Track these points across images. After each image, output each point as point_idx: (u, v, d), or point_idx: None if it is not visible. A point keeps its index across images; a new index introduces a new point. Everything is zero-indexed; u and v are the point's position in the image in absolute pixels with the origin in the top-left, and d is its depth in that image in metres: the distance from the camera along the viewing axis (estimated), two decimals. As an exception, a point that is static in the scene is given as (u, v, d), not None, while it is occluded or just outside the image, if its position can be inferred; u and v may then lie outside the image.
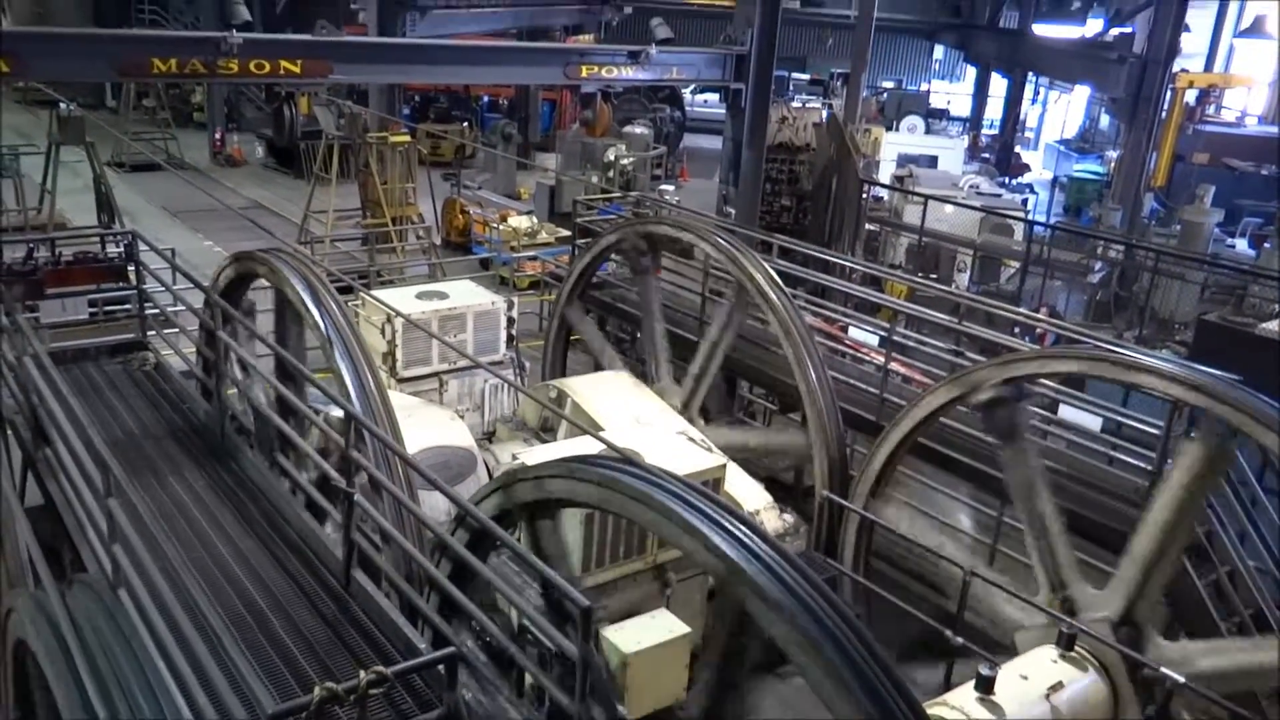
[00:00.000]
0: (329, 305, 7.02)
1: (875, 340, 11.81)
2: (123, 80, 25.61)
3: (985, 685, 5.54)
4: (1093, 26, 33.30)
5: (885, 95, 40.00)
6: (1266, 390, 6.48)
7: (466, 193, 23.97)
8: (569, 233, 14.50)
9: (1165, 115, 27.43)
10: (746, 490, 8.88)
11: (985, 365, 7.76)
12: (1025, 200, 27.57)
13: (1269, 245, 21.82)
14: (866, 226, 20.66)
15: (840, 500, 8.68)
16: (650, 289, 10.91)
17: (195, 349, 8.43)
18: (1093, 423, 9.33)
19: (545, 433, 10.24)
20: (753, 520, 4.98)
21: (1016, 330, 12.43)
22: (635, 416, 9.38)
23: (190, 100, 35.75)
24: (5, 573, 7.38)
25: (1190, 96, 30.63)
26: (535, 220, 21.83)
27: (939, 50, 47.33)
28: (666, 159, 30.20)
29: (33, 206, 18.88)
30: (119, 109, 31.10)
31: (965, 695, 5.55)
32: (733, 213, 20.46)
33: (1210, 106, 32.41)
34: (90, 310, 10.17)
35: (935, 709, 5.44)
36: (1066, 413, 9.78)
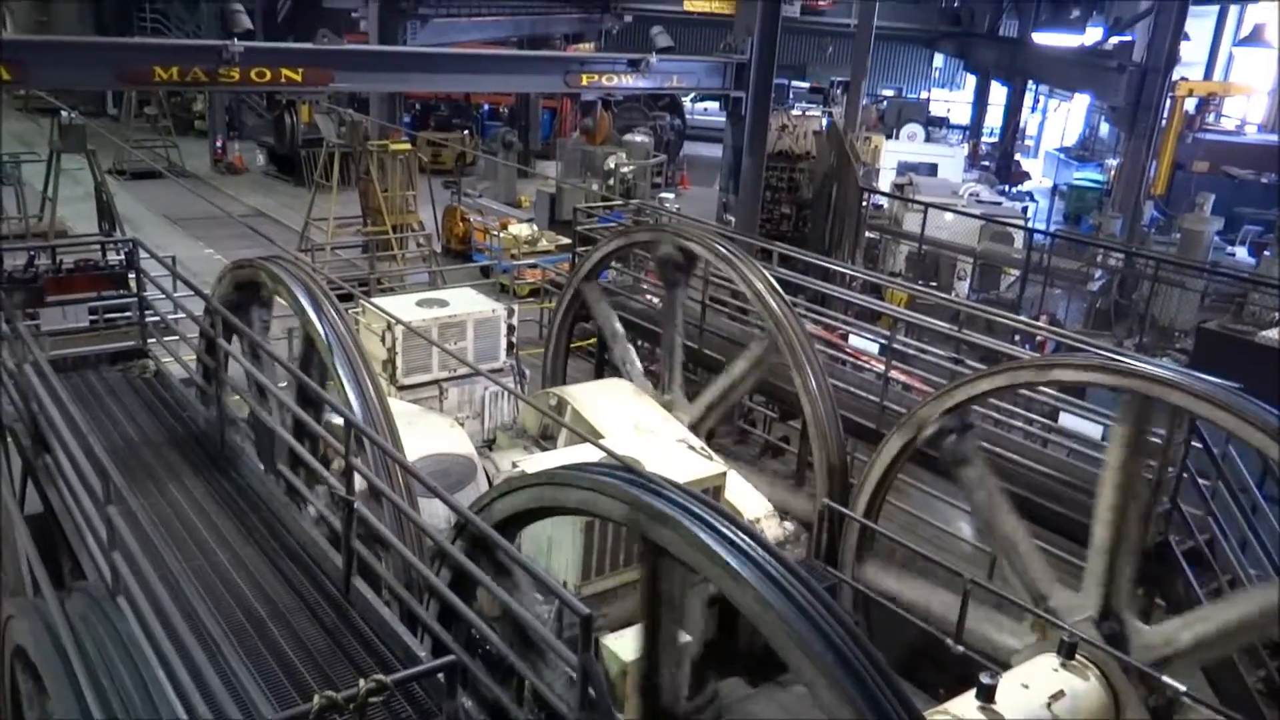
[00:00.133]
0: (329, 313, 7.03)
1: (875, 348, 11.81)
2: (125, 88, 25.67)
3: (986, 694, 5.52)
4: (1092, 35, 33.29)
5: (885, 103, 40.10)
6: (1266, 398, 6.47)
7: (467, 200, 24.00)
8: (569, 240, 14.52)
9: (1165, 123, 27.48)
10: (747, 498, 8.88)
11: (926, 401, 7.88)
12: (1025, 208, 27.59)
13: (1269, 253, 21.86)
14: (866, 234, 20.69)
15: (840, 508, 8.66)
16: (676, 302, 10.74)
17: (195, 356, 8.44)
18: (1093, 430, 9.33)
19: (545, 440, 10.23)
20: (753, 528, 4.97)
21: (1016, 338, 12.45)
22: (635, 424, 9.38)
23: (191, 108, 35.82)
24: (4, 580, 7.38)
25: (1190, 105, 30.69)
26: (535, 228, 21.85)
27: (939, 58, 47.47)
28: (667, 167, 30.25)
29: (34, 214, 18.93)
30: (120, 117, 31.19)
31: (966, 704, 5.54)
32: (733, 220, 20.47)
33: (1210, 115, 32.45)
34: (91, 318, 10.18)
35: (936, 718, 5.42)
36: (1066, 420, 9.79)
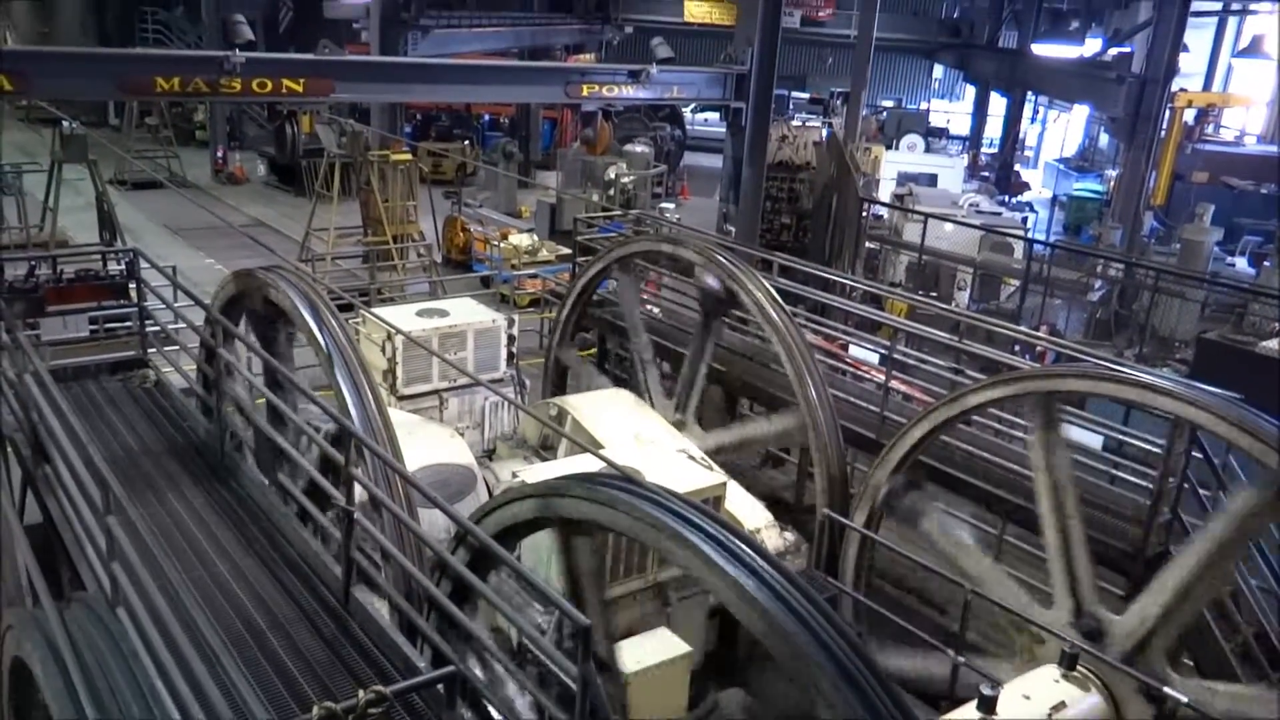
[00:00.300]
0: (330, 322, 7.03)
1: (876, 358, 11.81)
2: (126, 99, 25.76)
3: (987, 705, 5.50)
4: (1091, 46, 33.47)
5: (885, 114, 40.17)
6: (1267, 408, 6.47)
7: (467, 211, 24.03)
8: (569, 250, 14.53)
9: (1164, 134, 27.54)
10: (747, 508, 8.86)
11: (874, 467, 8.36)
12: (1025, 219, 27.64)
13: (1268, 264, 21.85)
14: (866, 245, 20.69)
15: (841, 519, 8.65)
16: (709, 334, 10.44)
17: (195, 366, 8.44)
18: (1094, 441, 9.32)
19: (545, 450, 10.22)
20: (753, 538, 4.96)
21: (1016, 348, 12.44)
22: (636, 434, 9.38)
23: (193, 118, 35.89)
24: (3, 590, 7.36)
25: (1189, 115, 30.73)
26: (536, 238, 21.89)
27: (938, 69, 47.60)
28: (667, 177, 30.31)
29: (35, 224, 18.94)
30: (121, 127, 31.22)
31: (967, 715, 5.52)
32: (733, 231, 20.51)
33: (1209, 125, 32.50)
34: (91, 327, 10.18)
35: (937, 729, 5.41)
36: (1068, 431, 9.77)
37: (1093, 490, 8.53)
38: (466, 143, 32.31)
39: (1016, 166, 38.51)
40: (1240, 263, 26.00)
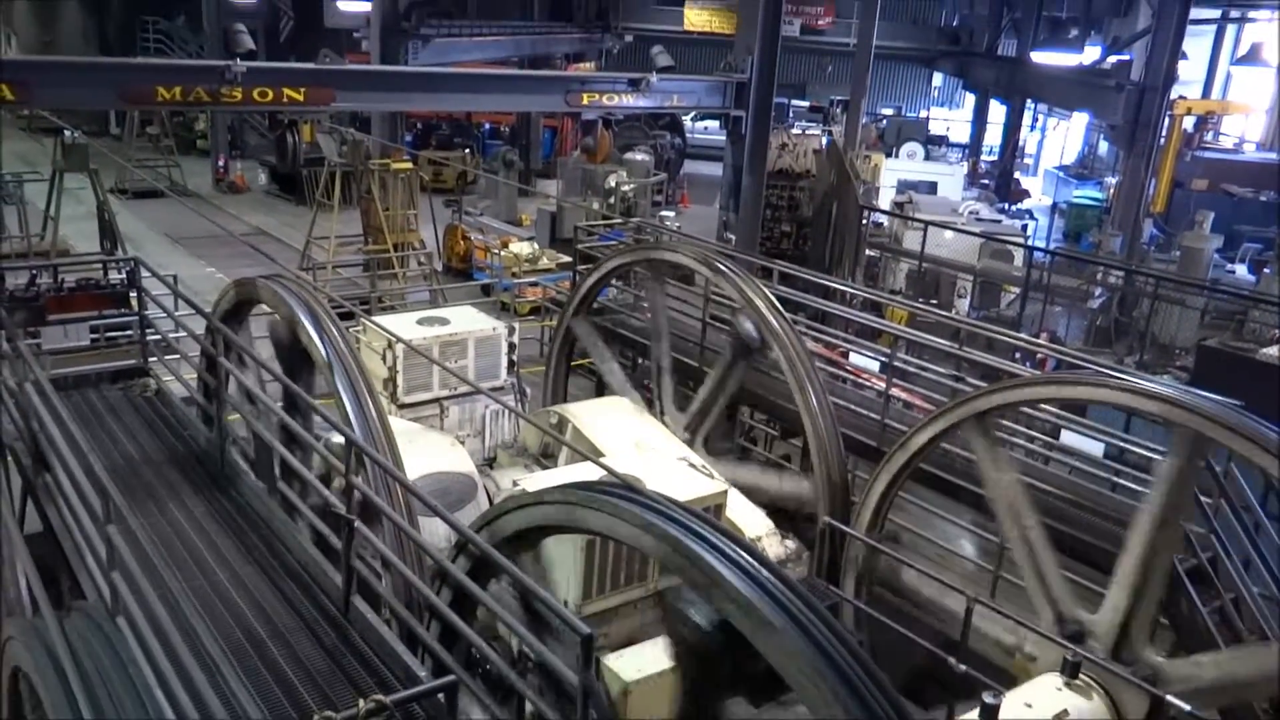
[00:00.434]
0: (330, 331, 7.03)
1: (876, 366, 11.81)
2: (128, 108, 25.78)
3: (989, 713, 5.48)
4: (1090, 54, 33.50)
5: (885, 122, 40.23)
6: (1267, 416, 6.46)
7: (468, 219, 24.07)
8: (570, 259, 14.54)
9: (1163, 141, 27.57)
10: (748, 517, 8.85)
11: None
12: (1025, 226, 27.62)
13: (1268, 271, 21.88)
14: (867, 252, 20.72)
15: (842, 527, 8.64)
16: (734, 372, 10.29)
17: (196, 375, 8.44)
18: (1095, 448, 9.32)
19: (546, 459, 10.21)
20: (755, 547, 4.96)
21: (1017, 356, 12.44)
22: (636, 442, 9.37)
23: (194, 127, 35.95)
24: (3, 600, 7.35)
25: (1188, 123, 30.80)
26: (536, 246, 21.90)
27: (938, 77, 47.67)
28: (667, 185, 30.33)
29: (36, 233, 18.97)
30: (123, 136, 31.28)
31: (969, 724, 5.51)
32: (733, 239, 20.52)
33: (1208, 133, 32.57)
34: (92, 336, 10.19)
35: (939, 738, 5.39)
36: (1068, 438, 9.77)
37: (1094, 497, 8.53)
38: (467, 151, 32.37)
39: (1016, 174, 38.54)
40: (1240, 270, 26.02)
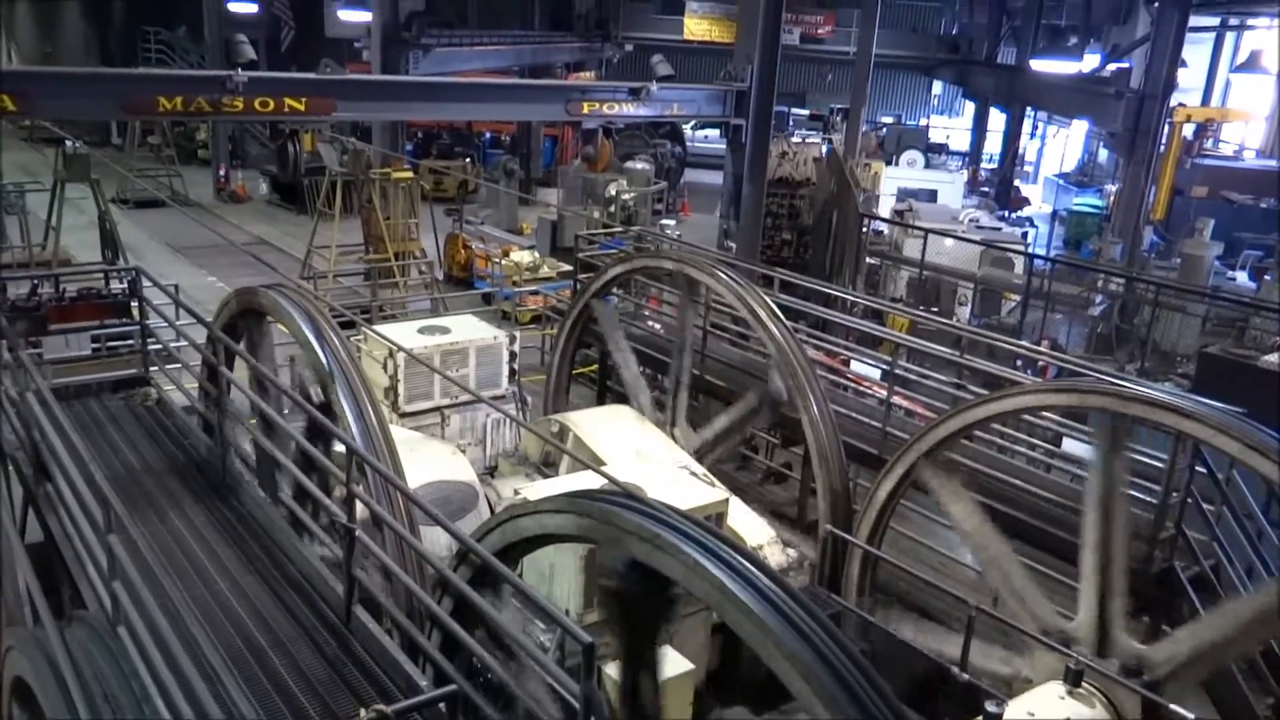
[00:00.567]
0: (331, 340, 7.04)
1: (877, 374, 11.81)
2: (129, 118, 25.84)
3: (992, 722, 5.47)
4: (1090, 62, 33.51)
5: (885, 130, 40.29)
6: (1269, 422, 6.46)
7: (469, 228, 24.08)
8: (571, 267, 14.55)
9: (1163, 149, 27.57)
10: (750, 525, 8.84)
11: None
12: (1025, 234, 27.66)
13: (1269, 278, 21.85)
14: (867, 260, 20.71)
15: (843, 535, 8.63)
16: (756, 419, 10.47)
17: (197, 384, 8.44)
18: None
19: (547, 467, 10.22)
20: (757, 555, 4.95)
21: (1018, 363, 12.43)
22: (637, 450, 9.37)
23: (195, 137, 36.03)
24: (4, 609, 7.34)
25: (1188, 130, 30.80)
26: (537, 255, 21.92)
27: (937, 85, 47.76)
28: (667, 194, 30.37)
29: (37, 243, 18.99)
30: (124, 146, 31.37)
31: (972, 732, 5.49)
32: (734, 247, 20.53)
33: (1208, 140, 32.56)
34: (93, 346, 10.20)
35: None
36: (1069, 445, 9.76)
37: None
38: (468, 160, 32.44)
39: (1016, 182, 38.56)
40: (1241, 277, 26.00)
